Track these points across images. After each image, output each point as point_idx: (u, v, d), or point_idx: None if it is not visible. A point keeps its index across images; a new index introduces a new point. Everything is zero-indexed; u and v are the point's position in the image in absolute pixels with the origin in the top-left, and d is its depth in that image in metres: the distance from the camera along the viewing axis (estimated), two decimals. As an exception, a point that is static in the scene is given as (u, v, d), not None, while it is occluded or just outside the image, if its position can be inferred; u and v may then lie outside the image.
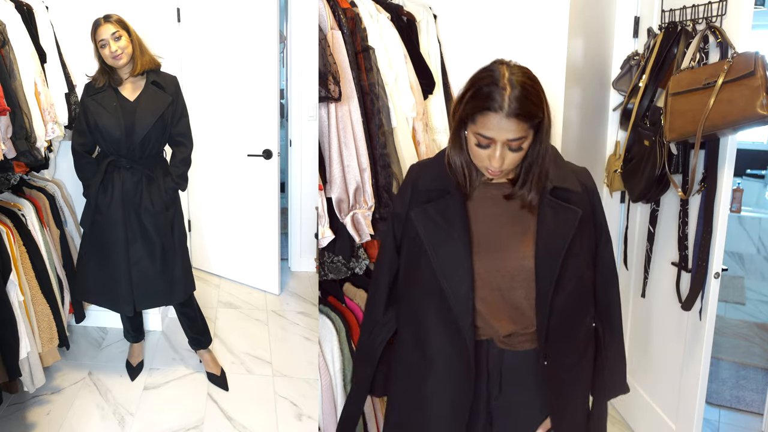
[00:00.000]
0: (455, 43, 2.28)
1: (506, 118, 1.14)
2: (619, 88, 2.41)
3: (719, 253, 1.95)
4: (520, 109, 1.13)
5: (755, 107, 1.66)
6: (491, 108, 1.14)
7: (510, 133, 1.15)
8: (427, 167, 1.37)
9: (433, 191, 1.30)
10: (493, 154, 1.18)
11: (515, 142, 1.17)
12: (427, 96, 2.08)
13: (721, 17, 1.90)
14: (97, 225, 2.42)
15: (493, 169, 1.21)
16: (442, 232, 1.27)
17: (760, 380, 3.06)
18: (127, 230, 2.39)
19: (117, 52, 2.29)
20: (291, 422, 2.45)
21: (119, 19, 2.35)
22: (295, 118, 3.85)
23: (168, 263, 2.47)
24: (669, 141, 1.92)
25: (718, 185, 1.92)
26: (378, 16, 1.82)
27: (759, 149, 5.27)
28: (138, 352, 2.82)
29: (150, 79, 2.39)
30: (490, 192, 1.31)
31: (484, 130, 1.16)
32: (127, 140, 2.34)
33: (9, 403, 2.47)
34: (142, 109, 2.35)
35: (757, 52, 1.72)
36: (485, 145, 1.18)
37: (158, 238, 2.43)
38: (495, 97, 1.14)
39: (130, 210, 2.39)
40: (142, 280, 2.43)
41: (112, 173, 2.39)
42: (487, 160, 1.20)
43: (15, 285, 2.17)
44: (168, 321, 3.24)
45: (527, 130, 1.17)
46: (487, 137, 1.17)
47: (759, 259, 4.49)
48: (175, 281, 2.50)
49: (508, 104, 1.13)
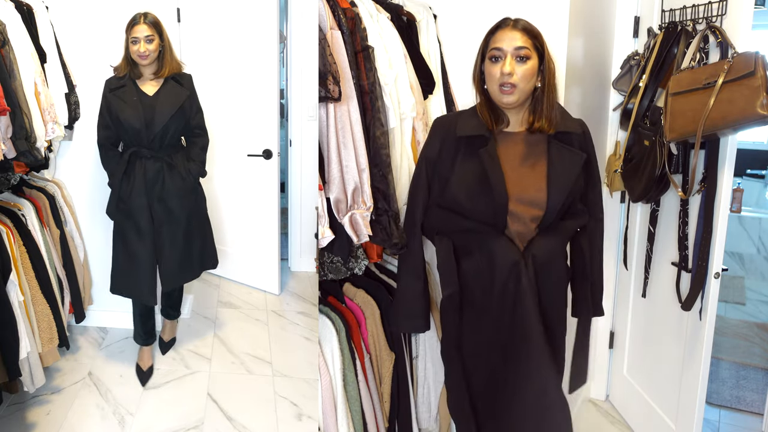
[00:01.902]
0: (455, 43, 2.28)
1: (513, 30, 1.47)
2: (619, 88, 2.40)
3: (719, 253, 1.95)
4: (523, 25, 1.48)
5: (755, 107, 1.66)
6: (501, 26, 1.49)
7: (517, 41, 1.45)
8: (462, 118, 1.62)
9: (475, 137, 1.56)
10: (504, 63, 1.45)
11: (522, 51, 1.45)
12: (427, 96, 2.07)
13: (721, 17, 1.90)
14: (121, 213, 2.53)
15: (505, 80, 1.45)
16: (495, 168, 1.53)
17: (760, 380, 3.06)
18: (151, 216, 2.52)
19: (145, 54, 2.42)
20: (291, 422, 2.45)
21: (156, 22, 2.47)
22: (295, 118, 3.85)
23: (191, 242, 2.64)
24: (669, 141, 1.92)
25: (718, 185, 1.92)
26: (378, 16, 1.82)
27: (759, 149, 5.28)
28: (148, 356, 2.80)
29: (168, 77, 2.54)
30: (511, 138, 1.58)
31: (496, 43, 1.47)
32: (147, 131, 2.46)
33: (9, 403, 2.47)
34: (161, 102, 2.48)
35: (757, 52, 1.72)
36: (498, 57, 1.47)
37: (182, 220, 2.58)
38: (504, 20, 1.50)
39: (153, 196, 2.51)
40: (166, 261, 2.58)
41: (134, 163, 2.51)
42: (499, 74, 1.46)
43: (15, 285, 2.17)
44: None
45: (531, 47, 1.46)
46: (499, 48, 1.46)
47: (759, 259, 4.49)
48: (195, 258, 2.69)
49: (514, 21, 1.49)
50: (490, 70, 1.49)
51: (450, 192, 1.59)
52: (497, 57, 1.46)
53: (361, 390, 1.79)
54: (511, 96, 1.47)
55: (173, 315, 2.98)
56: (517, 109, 1.55)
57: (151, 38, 2.43)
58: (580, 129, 1.60)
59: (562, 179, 1.54)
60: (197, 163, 2.62)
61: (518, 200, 1.53)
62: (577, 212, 1.64)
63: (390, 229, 1.72)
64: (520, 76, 1.45)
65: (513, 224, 1.55)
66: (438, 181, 1.63)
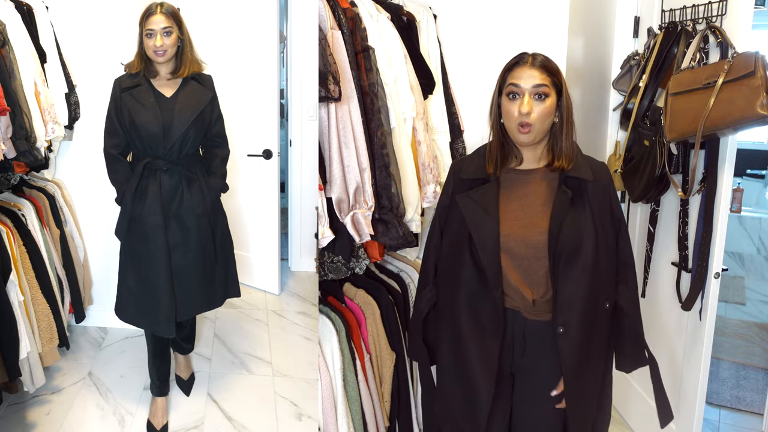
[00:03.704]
0: (455, 43, 2.28)
1: (531, 67, 1.43)
2: (619, 88, 2.40)
3: (719, 253, 1.95)
4: (542, 62, 1.44)
5: (755, 107, 1.66)
6: (519, 63, 1.45)
7: (535, 79, 1.41)
8: (467, 161, 1.60)
9: (475, 180, 1.54)
10: (522, 102, 1.42)
11: (541, 88, 1.41)
12: (427, 96, 2.08)
13: (721, 17, 1.90)
14: (134, 235, 2.18)
15: (523, 119, 1.41)
16: (480, 212, 1.49)
17: (760, 380, 3.06)
18: (167, 237, 2.16)
19: (162, 49, 2.09)
20: (291, 422, 2.45)
21: (174, 12, 2.14)
22: (295, 118, 3.85)
23: (212, 267, 2.30)
24: (669, 141, 1.92)
25: (718, 185, 1.92)
26: (378, 16, 1.82)
27: (759, 149, 5.27)
28: (162, 412, 2.41)
29: (189, 75, 2.21)
30: (522, 177, 1.53)
31: (514, 80, 1.43)
32: (165, 139, 2.12)
33: (9, 403, 2.47)
34: (180, 105, 2.14)
35: (757, 52, 1.72)
36: (515, 94, 1.43)
37: (201, 242, 2.22)
38: (522, 57, 1.46)
39: (170, 215, 2.17)
40: (184, 288, 2.23)
41: (148, 177, 2.15)
42: (517, 113, 1.42)
43: (15, 285, 2.17)
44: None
45: (549, 84, 1.42)
46: (516, 85, 1.42)
47: (759, 259, 4.49)
48: (216, 286, 2.35)
49: (533, 59, 1.45)
50: (507, 108, 1.45)
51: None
52: (515, 94, 1.43)
53: (361, 390, 1.79)
54: (528, 135, 1.44)
55: (186, 349, 2.59)
56: (533, 147, 1.50)
57: (169, 31, 2.08)
58: (592, 176, 1.49)
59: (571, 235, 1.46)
60: (218, 177, 2.28)
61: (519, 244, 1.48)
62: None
63: (394, 226, 1.72)
64: (537, 115, 1.42)
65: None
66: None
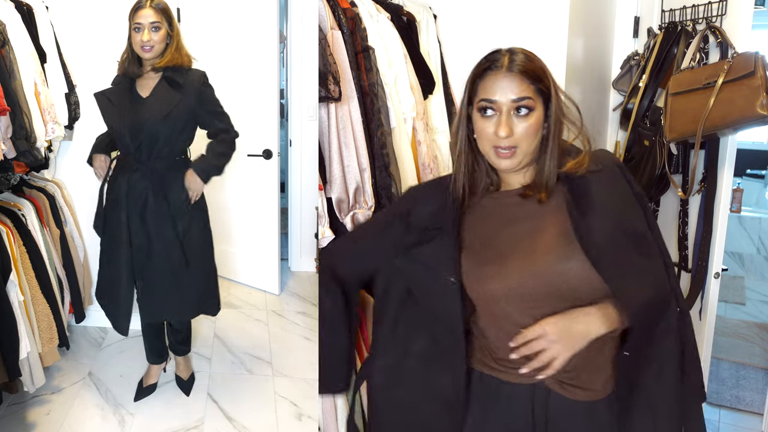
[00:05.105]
0: (455, 43, 2.27)
1: (508, 74, 1.07)
2: (619, 88, 2.41)
3: (719, 253, 1.95)
4: (522, 65, 1.07)
5: (755, 107, 1.66)
6: (491, 68, 1.09)
7: (513, 91, 1.07)
8: (423, 197, 1.25)
9: (427, 230, 1.18)
10: (500, 121, 1.07)
11: (522, 102, 1.07)
12: (427, 96, 2.08)
13: (721, 17, 1.90)
14: (105, 229, 2.27)
15: (502, 142, 1.07)
16: (432, 274, 1.16)
17: (760, 380, 3.06)
18: (130, 236, 2.18)
19: (149, 44, 2.05)
20: (291, 422, 2.45)
21: (164, 8, 2.09)
22: (295, 118, 3.85)
23: (176, 275, 2.23)
24: (669, 141, 1.92)
25: (718, 185, 1.92)
26: (378, 16, 1.82)
27: (759, 149, 5.27)
28: (154, 374, 2.60)
29: (165, 74, 2.14)
30: (500, 200, 1.18)
31: (486, 93, 1.08)
32: (132, 139, 2.12)
33: (9, 403, 2.47)
34: (149, 107, 2.11)
35: (757, 52, 1.72)
36: (490, 111, 1.08)
37: (165, 247, 2.19)
38: (495, 58, 1.09)
39: (134, 214, 2.17)
40: (149, 290, 2.24)
41: (118, 173, 2.21)
42: (494, 135, 1.08)
43: (15, 285, 2.17)
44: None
45: (534, 94, 1.08)
46: (491, 100, 1.08)
47: (759, 259, 4.49)
48: (186, 297, 2.29)
49: (509, 61, 1.08)
50: (480, 125, 1.10)
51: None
52: (490, 113, 1.09)
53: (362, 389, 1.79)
54: (511, 159, 1.09)
55: (182, 350, 2.62)
56: (518, 171, 1.16)
57: (157, 26, 2.04)
58: (584, 170, 1.12)
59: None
60: (212, 155, 2.29)
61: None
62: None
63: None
64: (521, 134, 1.08)
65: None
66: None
